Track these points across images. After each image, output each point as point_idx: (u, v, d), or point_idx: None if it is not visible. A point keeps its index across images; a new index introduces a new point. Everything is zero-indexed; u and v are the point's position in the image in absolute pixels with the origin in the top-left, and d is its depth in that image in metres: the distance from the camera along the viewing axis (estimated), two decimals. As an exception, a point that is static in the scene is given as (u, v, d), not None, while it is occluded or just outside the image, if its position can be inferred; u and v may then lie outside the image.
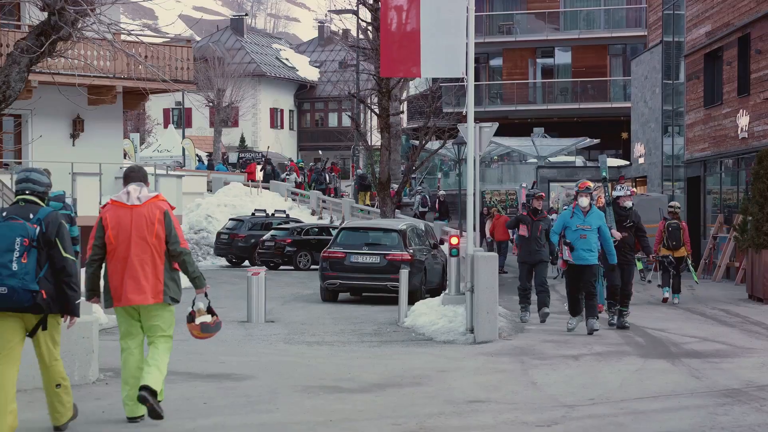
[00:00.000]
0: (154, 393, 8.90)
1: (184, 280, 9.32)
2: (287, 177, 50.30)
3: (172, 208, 9.43)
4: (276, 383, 11.33)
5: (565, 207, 25.95)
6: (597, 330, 16.04)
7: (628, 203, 17.76)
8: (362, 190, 49.73)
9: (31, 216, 8.45)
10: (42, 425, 8.96)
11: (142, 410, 9.09)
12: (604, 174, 19.37)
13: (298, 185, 49.02)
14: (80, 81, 19.13)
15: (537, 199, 18.78)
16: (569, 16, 57.29)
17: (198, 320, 9.56)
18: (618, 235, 17.04)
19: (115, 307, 9.28)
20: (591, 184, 16.62)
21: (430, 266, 23.23)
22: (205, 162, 56.11)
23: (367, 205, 45.39)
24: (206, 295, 9.54)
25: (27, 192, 8.65)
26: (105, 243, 9.17)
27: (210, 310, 9.63)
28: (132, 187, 9.23)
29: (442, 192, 46.87)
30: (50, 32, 13.06)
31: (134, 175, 9.39)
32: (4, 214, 8.46)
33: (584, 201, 16.19)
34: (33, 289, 8.27)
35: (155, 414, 8.92)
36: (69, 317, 8.61)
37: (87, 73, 27.21)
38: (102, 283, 9.30)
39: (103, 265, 9.29)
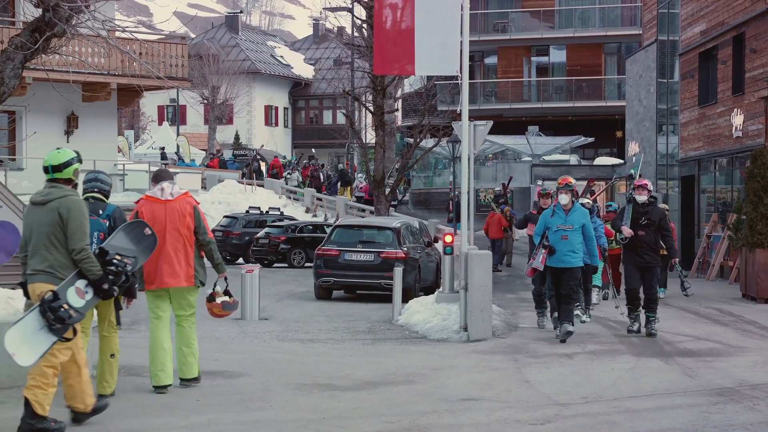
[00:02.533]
0: (196, 379, 10.70)
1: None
2: (289, 176, 50.42)
3: (197, 203, 10.80)
4: (269, 381, 11.33)
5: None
6: (571, 333, 14.90)
7: (641, 197, 15.66)
8: (343, 184, 50.26)
9: (101, 212, 9.88)
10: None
11: (168, 380, 10.44)
12: (631, 171, 17.84)
13: (301, 185, 49.17)
14: (75, 78, 19.07)
15: (545, 198, 17.53)
16: (564, 14, 57.33)
17: (218, 299, 10.79)
18: (628, 232, 15.43)
19: (147, 290, 10.55)
20: (572, 180, 15.31)
21: (424, 264, 23.23)
22: (178, 158, 52.90)
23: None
24: (225, 279, 10.84)
25: (95, 190, 10.05)
26: None
27: (227, 292, 10.88)
28: (166, 184, 10.56)
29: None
30: (45, 29, 13.03)
31: (165, 175, 10.88)
32: None
33: (564, 198, 15.02)
34: None
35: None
36: (128, 299, 9.90)
37: (81, 69, 27.20)
38: None
39: None
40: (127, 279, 8.97)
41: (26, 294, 8.79)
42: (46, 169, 8.79)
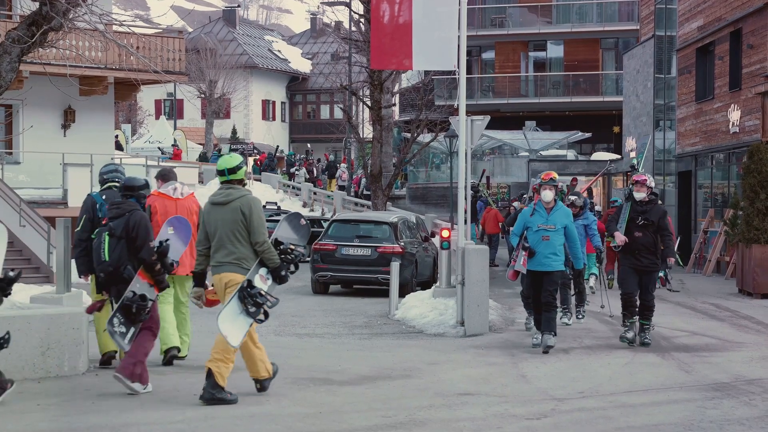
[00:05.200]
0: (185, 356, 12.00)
1: None
2: (297, 171, 50.43)
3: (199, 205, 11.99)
4: (266, 375, 11.32)
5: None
6: (552, 347, 13.49)
7: (639, 194, 14.05)
8: (330, 176, 50.31)
9: None
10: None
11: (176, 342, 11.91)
12: (633, 162, 15.66)
13: (308, 180, 49.21)
14: (71, 71, 19.06)
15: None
16: (562, 9, 57.27)
17: (210, 288, 11.14)
18: (621, 240, 13.89)
19: None
20: (556, 175, 13.96)
21: (421, 259, 23.24)
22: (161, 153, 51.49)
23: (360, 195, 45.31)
24: None
25: (116, 180, 11.43)
26: (153, 225, 11.10)
27: None
28: (177, 185, 11.93)
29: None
30: (42, 22, 13.02)
31: (172, 176, 12.21)
32: (104, 197, 11.23)
33: (548, 195, 13.64)
34: None
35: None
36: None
37: (78, 63, 27.12)
38: None
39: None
40: (297, 267, 10.14)
41: (197, 282, 10.21)
42: (222, 172, 9.94)
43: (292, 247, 10.11)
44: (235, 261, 9.77)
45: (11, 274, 9.36)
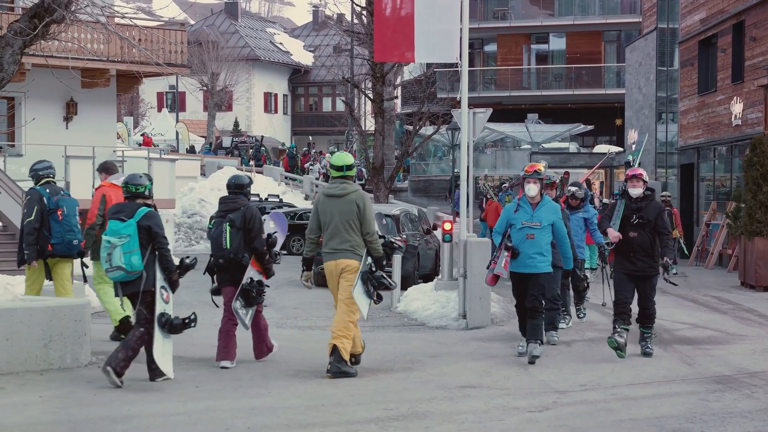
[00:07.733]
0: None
1: None
2: (311, 167, 50.35)
3: None
4: (267, 367, 11.35)
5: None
6: (538, 357, 12.03)
7: (635, 191, 12.52)
8: None
9: (62, 192, 12.71)
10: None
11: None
12: (630, 157, 14.43)
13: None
14: (74, 64, 19.01)
15: (549, 188, 14.47)
16: (564, 1, 57.17)
17: None
18: (614, 236, 12.40)
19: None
20: (542, 167, 12.60)
21: (423, 252, 23.22)
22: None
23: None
24: None
25: (51, 176, 12.83)
26: (106, 214, 11.62)
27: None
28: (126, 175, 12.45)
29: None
30: (44, 14, 13.00)
31: (115, 168, 13.23)
32: (48, 190, 12.53)
33: (532, 189, 12.31)
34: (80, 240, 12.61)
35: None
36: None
37: (80, 56, 27.08)
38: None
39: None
40: (390, 260, 11.39)
41: (307, 266, 11.56)
42: (340, 168, 11.06)
43: (392, 240, 11.31)
44: (351, 248, 10.93)
45: (187, 261, 10.46)
